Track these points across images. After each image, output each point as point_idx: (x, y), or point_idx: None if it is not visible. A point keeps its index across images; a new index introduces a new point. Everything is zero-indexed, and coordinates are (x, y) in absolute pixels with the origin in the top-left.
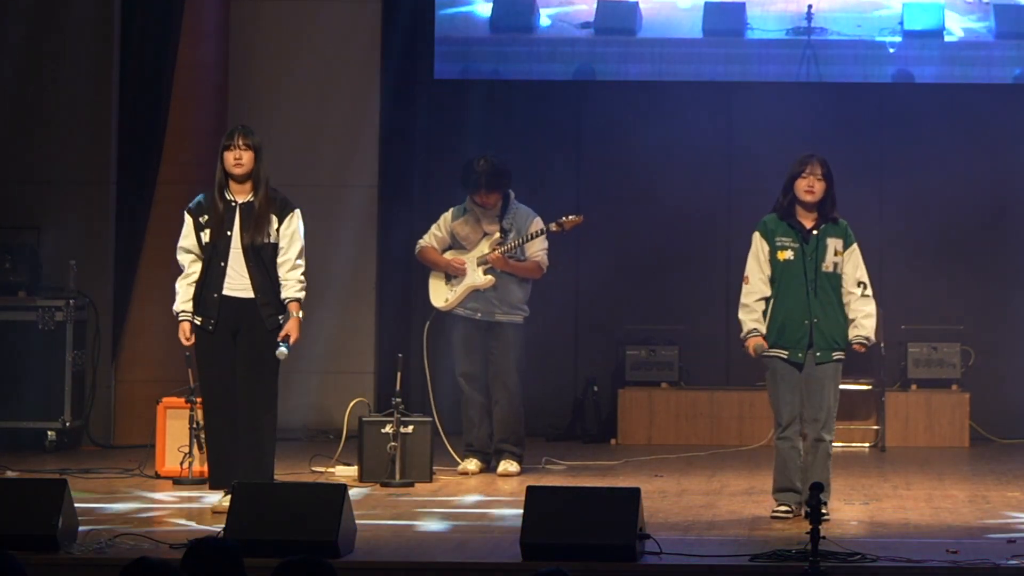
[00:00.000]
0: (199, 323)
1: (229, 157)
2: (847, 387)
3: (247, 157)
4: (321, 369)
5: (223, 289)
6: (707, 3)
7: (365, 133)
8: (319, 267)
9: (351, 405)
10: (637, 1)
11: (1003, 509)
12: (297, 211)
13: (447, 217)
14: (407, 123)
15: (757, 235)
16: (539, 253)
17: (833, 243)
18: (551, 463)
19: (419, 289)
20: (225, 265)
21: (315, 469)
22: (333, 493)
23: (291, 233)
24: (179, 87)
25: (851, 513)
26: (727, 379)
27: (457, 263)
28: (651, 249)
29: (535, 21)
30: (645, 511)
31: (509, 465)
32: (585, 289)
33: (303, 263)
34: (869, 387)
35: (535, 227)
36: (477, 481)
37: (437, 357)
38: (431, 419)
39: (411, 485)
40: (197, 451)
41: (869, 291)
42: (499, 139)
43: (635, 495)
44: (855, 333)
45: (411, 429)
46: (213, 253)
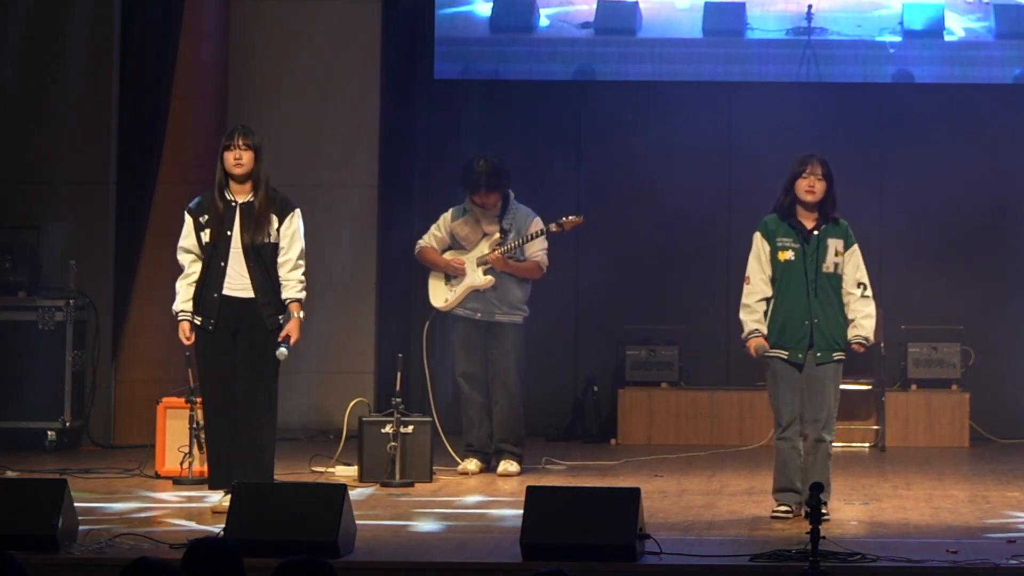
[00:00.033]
0: (199, 323)
1: (229, 157)
2: (847, 387)
3: (247, 157)
4: (321, 369)
5: (223, 289)
6: (707, 3)
7: (365, 133)
8: (319, 267)
9: (351, 405)
10: (637, 1)
11: (1003, 509)
12: (297, 211)
13: (447, 217)
14: (407, 123)
15: (758, 235)
16: (539, 253)
17: (834, 244)
18: (551, 463)
19: (419, 289)
20: (225, 265)
21: (315, 469)
22: (333, 493)
23: (292, 233)
24: (179, 87)
25: (851, 513)
26: (727, 379)
27: (457, 263)
28: (651, 249)
29: (535, 21)
30: (645, 511)
31: (509, 465)
32: (585, 289)
33: (303, 263)
34: (869, 387)
35: (535, 227)
36: (477, 481)
37: (437, 357)
38: (431, 419)
39: (411, 485)
40: (197, 451)
41: (869, 292)
42: (499, 139)
43: (635, 495)
44: (854, 333)
45: (411, 429)
46: (213, 253)
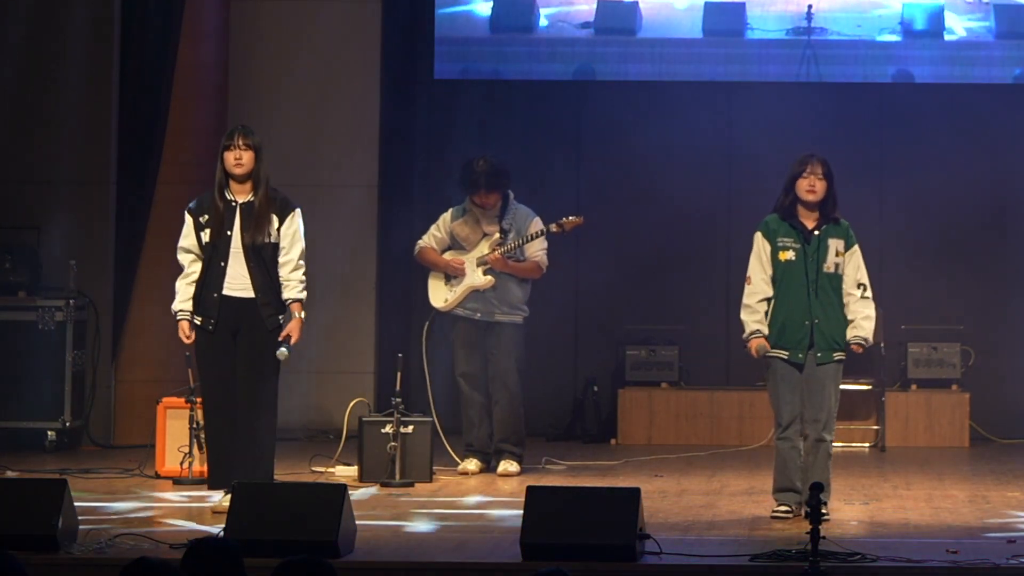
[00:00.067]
0: (199, 323)
1: (229, 157)
2: (847, 387)
3: (247, 157)
4: (321, 369)
5: (223, 289)
6: (707, 3)
7: (365, 133)
8: (319, 267)
9: (351, 405)
10: (637, 1)
11: (1003, 509)
12: (298, 210)
13: (446, 218)
14: (407, 123)
15: (759, 235)
16: (539, 253)
17: (835, 244)
18: (551, 463)
19: (419, 289)
20: (225, 265)
21: (315, 469)
22: (333, 493)
23: (292, 233)
24: (179, 87)
25: (851, 513)
26: (727, 379)
27: (456, 264)
28: (651, 249)
29: (535, 21)
30: (645, 511)
31: (509, 465)
32: (585, 289)
33: (304, 263)
34: (869, 387)
35: (534, 228)
36: (477, 481)
37: (437, 357)
38: (431, 419)
39: (411, 485)
40: (197, 451)
41: (869, 293)
42: (499, 139)
43: (635, 495)
44: (853, 334)
45: (411, 429)
46: (213, 253)
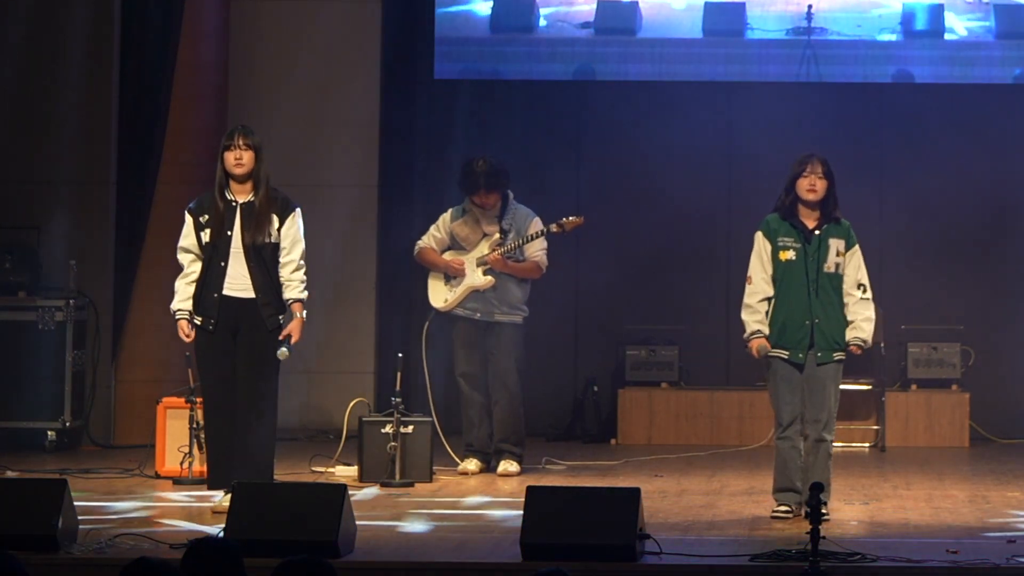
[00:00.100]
0: (199, 323)
1: (229, 157)
2: (847, 387)
3: (247, 157)
4: (321, 369)
5: (223, 289)
6: (707, 3)
7: (365, 133)
8: (319, 267)
9: (351, 405)
10: (637, 1)
11: (1003, 509)
12: (298, 210)
13: (446, 218)
14: (407, 123)
15: (760, 234)
16: (538, 253)
17: (835, 244)
18: (551, 463)
19: (419, 289)
20: (225, 265)
21: (315, 469)
22: (333, 493)
23: (293, 234)
24: (179, 87)
25: (851, 513)
26: (727, 379)
27: (456, 264)
28: (651, 249)
29: (535, 21)
30: (645, 511)
31: (509, 465)
32: (585, 289)
33: (304, 263)
34: (869, 387)
35: (534, 228)
36: (477, 481)
37: (437, 357)
38: (431, 419)
39: (411, 485)
40: (197, 451)
41: (869, 294)
42: (499, 139)
43: (635, 495)
44: (853, 335)
45: (411, 429)
46: (213, 253)
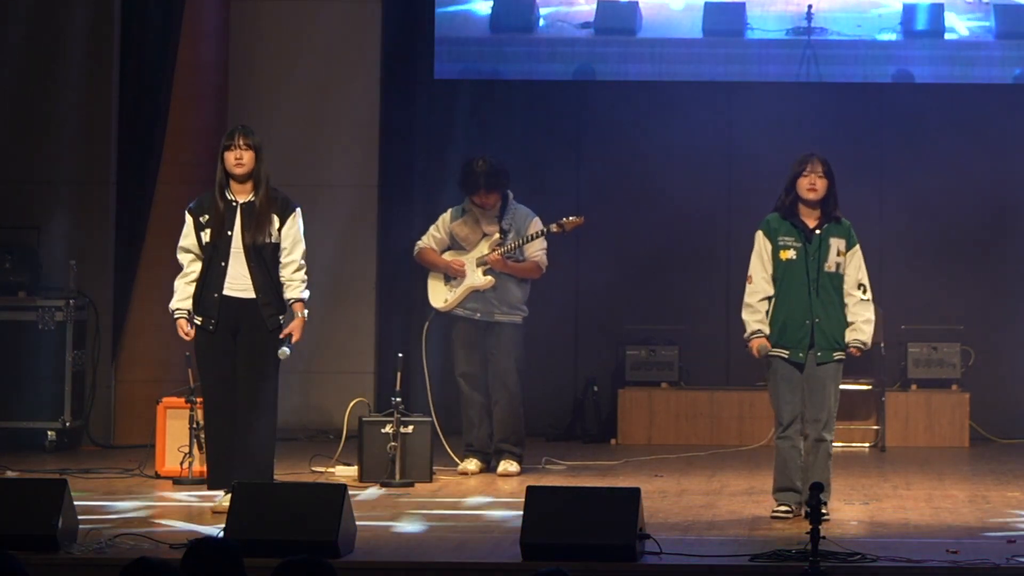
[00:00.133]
0: (200, 323)
1: (230, 157)
2: (847, 387)
3: (248, 157)
4: (321, 369)
5: (223, 289)
6: (707, 3)
7: (365, 133)
8: (319, 267)
9: (351, 405)
10: (637, 1)
11: (1003, 509)
12: (298, 210)
13: (446, 218)
14: (407, 123)
15: (760, 234)
16: (538, 253)
17: (836, 243)
18: (551, 463)
19: (419, 289)
20: (226, 265)
21: (315, 469)
22: (333, 493)
23: (294, 234)
24: (179, 87)
25: (851, 513)
26: (727, 379)
27: (457, 265)
28: (651, 249)
29: (535, 21)
30: (645, 511)
31: (509, 465)
32: (585, 289)
33: (305, 263)
34: (869, 387)
35: (534, 228)
36: (477, 481)
37: (437, 357)
38: (431, 419)
39: (411, 485)
40: (197, 451)
41: (869, 294)
42: (499, 139)
43: (635, 495)
44: (853, 337)
45: (411, 429)
46: (214, 253)
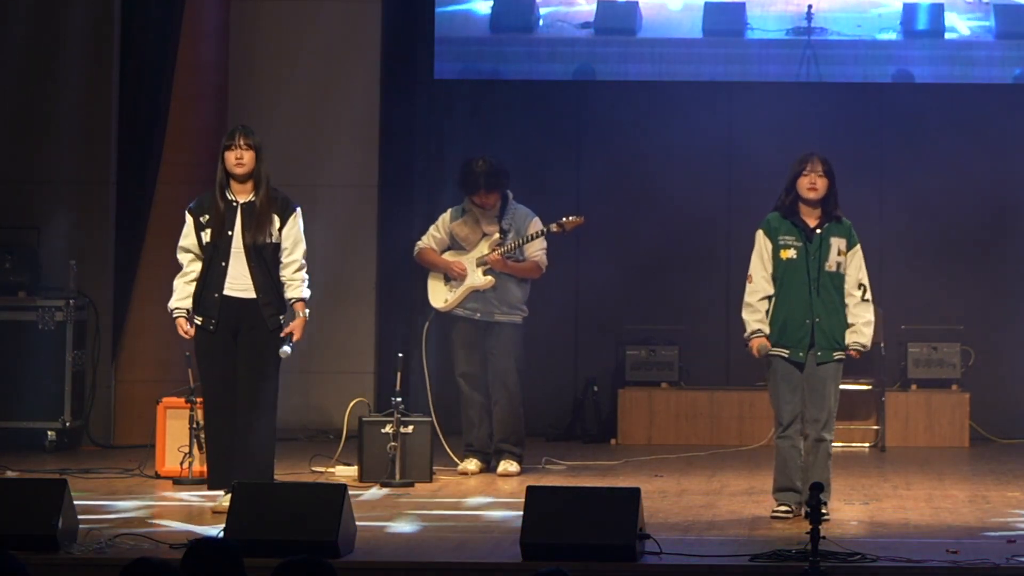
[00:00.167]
0: (200, 323)
1: (230, 157)
2: (847, 387)
3: (248, 157)
4: (321, 369)
5: (224, 289)
6: (707, 3)
7: (365, 133)
8: (319, 267)
9: (351, 405)
10: (637, 1)
11: (1003, 509)
12: (299, 210)
13: (445, 218)
14: (407, 123)
15: (761, 233)
16: (538, 253)
17: (837, 243)
18: (551, 463)
19: (419, 289)
20: (226, 265)
21: (315, 469)
22: (333, 493)
23: (295, 234)
24: (179, 87)
25: (851, 513)
26: (727, 379)
27: (457, 266)
28: (651, 249)
29: (535, 21)
30: (645, 511)
31: (509, 465)
32: (585, 289)
33: (306, 262)
34: (869, 387)
35: (534, 228)
36: (477, 481)
37: (437, 357)
38: (431, 419)
39: (411, 485)
40: (197, 451)
41: (869, 295)
42: (499, 139)
43: (635, 495)
44: (853, 339)
45: (411, 429)
46: (214, 253)
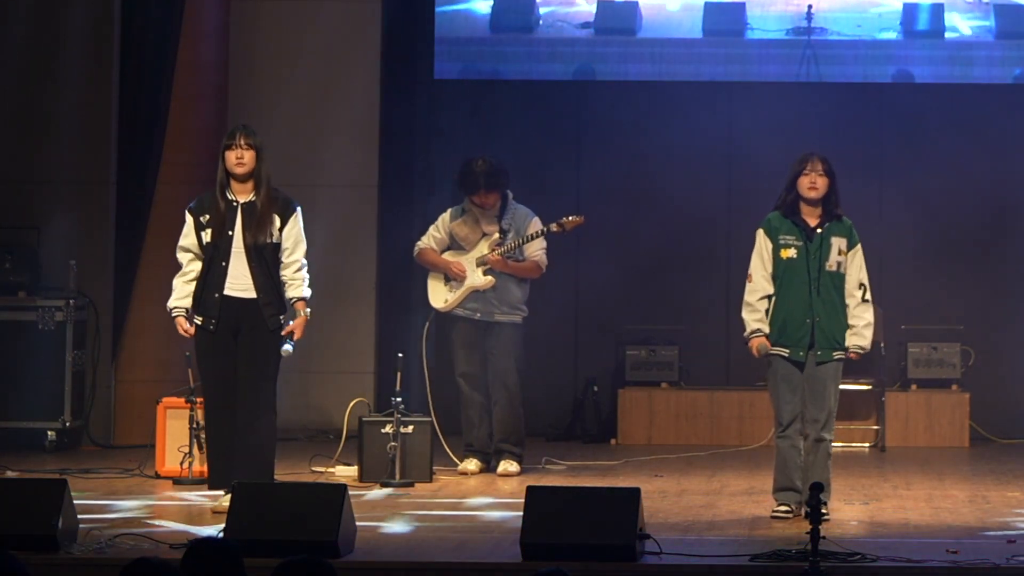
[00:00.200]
0: (200, 323)
1: (231, 156)
2: (847, 387)
3: (249, 156)
4: (321, 369)
5: (224, 289)
6: (707, 3)
7: (365, 133)
8: (319, 267)
9: (351, 405)
10: (637, 1)
11: (1003, 509)
12: (299, 210)
13: (445, 218)
14: (407, 123)
15: (761, 232)
16: (538, 253)
17: (837, 242)
18: (551, 463)
19: (419, 289)
20: (227, 265)
21: (315, 469)
22: (333, 493)
23: (296, 233)
24: (179, 87)
25: (851, 513)
26: (727, 379)
27: (457, 267)
28: (651, 249)
29: (535, 21)
30: (645, 511)
31: (509, 465)
32: (585, 289)
33: (307, 262)
34: (869, 387)
35: (534, 228)
36: (477, 481)
37: (437, 357)
38: (431, 419)
39: (411, 485)
40: (197, 451)
41: (869, 295)
42: (499, 139)
43: (635, 495)
44: (853, 342)
45: (411, 429)
46: (214, 253)
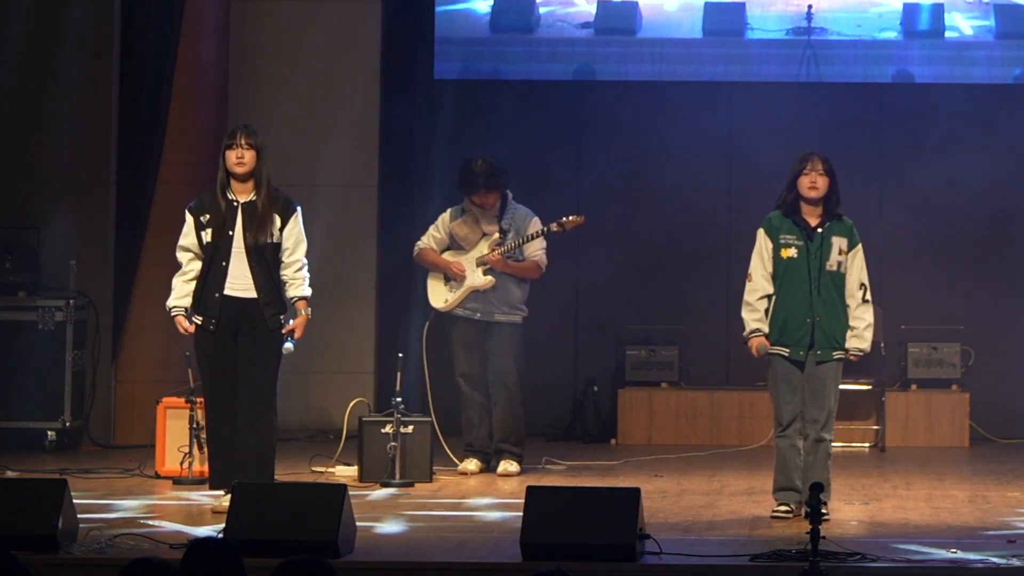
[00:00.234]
0: (200, 322)
1: (231, 156)
2: (847, 387)
3: (249, 156)
4: (321, 369)
5: (224, 289)
6: (707, 3)
7: (365, 133)
8: (319, 267)
9: (351, 405)
10: (637, 1)
11: (1003, 509)
12: (299, 210)
13: (445, 218)
14: (407, 123)
15: (761, 232)
16: (538, 253)
17: (838, 242)
18: (551, 463)
19: (419, 289)
20: (227, 265)
21: (315, 469)
22: (333, 493)
23: (296, 233)
24: (179, 87)
25: (851, 513)
26: (727, 379)
27: (457, 267)
28: (651, 249)
29: (535, 21)
30: (645, 511)
31: (509, 465)
32: (585, 289)
33: (307, 261)
34: (869, 387)
35: (533, 227)
36: (477, 481)
37: (437, 357)
38: (431, 419)
39: (411, 485)
40: (197, 451)
41: (869, 295)
42: (499, 139)
43: (635, 495)
44: (853, 344)
45: (411, 429)
46: (215, 253)
